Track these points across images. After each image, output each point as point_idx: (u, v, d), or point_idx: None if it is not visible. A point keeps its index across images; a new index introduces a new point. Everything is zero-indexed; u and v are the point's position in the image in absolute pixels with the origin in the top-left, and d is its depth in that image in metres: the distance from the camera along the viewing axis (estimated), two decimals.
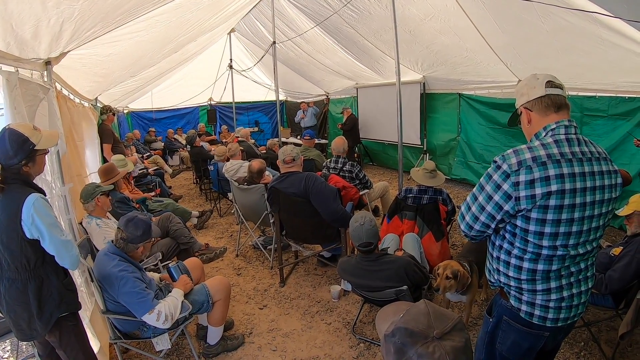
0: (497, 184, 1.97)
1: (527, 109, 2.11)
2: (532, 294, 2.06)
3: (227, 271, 5.73)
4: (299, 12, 9.46)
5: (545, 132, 2.03)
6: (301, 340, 4.17)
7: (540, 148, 1.94)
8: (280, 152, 4.97)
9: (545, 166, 1.89)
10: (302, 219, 4.94)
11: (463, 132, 9.71)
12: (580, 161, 1.93)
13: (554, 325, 2.08)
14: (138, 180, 8.55)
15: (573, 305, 2.07)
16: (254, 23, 11.45)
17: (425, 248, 4.71)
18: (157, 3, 4.82)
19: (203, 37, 9.84)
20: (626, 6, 4.50)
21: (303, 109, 14.27)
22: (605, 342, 3.95)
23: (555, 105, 2.03)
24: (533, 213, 1.93)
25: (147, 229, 3.46)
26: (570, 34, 5.61)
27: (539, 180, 1.88)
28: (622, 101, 6.52)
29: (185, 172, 12.75)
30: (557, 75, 2.03)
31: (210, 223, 7.76)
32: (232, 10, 8.85)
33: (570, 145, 1.96)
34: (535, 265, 2.02)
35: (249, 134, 10.99)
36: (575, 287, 2.07)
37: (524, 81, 2.14)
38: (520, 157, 1.92)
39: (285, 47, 11.27)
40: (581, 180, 1.91)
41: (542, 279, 2.03)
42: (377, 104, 11.81)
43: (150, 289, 3.36)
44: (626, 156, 6.55)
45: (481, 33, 6.90)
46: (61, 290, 2.78)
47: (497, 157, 2.01)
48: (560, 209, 1.90)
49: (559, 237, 1.95)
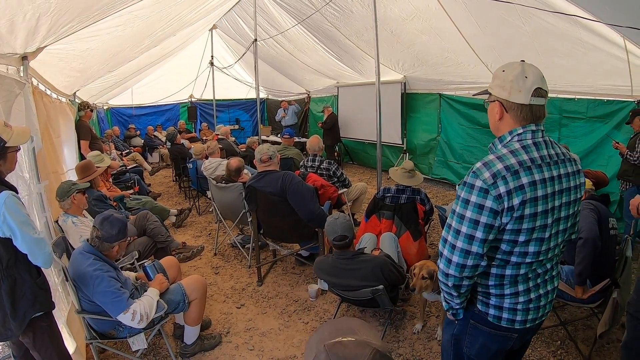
0: (479, 205, 1.83)
1: (503, 107, 1.96)
2: (499, 298, 2.02)
3: (205, 270, 5.71)
4: (281, 10, 9.47)
5: (511, 137, 1.95)
6: (278, 339, 4.17)
7: (510, 156, 1.85)
8: (256, 151, 4.96)
9: (518, 175, 1.81)
10: (280, 218, 4.94)
11: (443, 132, 9.81)
12: (548, 165, 1.89)
13: (523, 327, 2.04)
14: (116, 177, 8.46)
15: (541, 306, 2.05)
16: (236, 20, 11.43)
17: (403, 247, 4.74)
18: None
19: (183, 32, 9.77)
20: (608, 9, 4.56)
21: (284, 108, 14.30)
22: (581, 341, 4.01)
23: (535, 117, 1.92)
24: (509, 225, 1.85)
25: (123, 228, 3.43)
26: (551, 36, 5.69)
27: (514, 191, 1.80)
28: (600, 104, 6.65)
29: (165, 170, 12.65)
30: None
31: (189, 221, 7.72)
32: (212, 5, 8.80)
33: (539, 149, 1.90)
34: (503, 271, 1.98)
35: (229, 131, 10.95)
36: (542, 287, 2.05)
37: (510, 73, 1.92)
38: (493, 169, 1.82)
39: (266, 44, 11.27)
40: (551, 185, 1.88)
41: (510, 284, 1.99)
42: (358, 103, 11.86)
43: (126, 288, 3.33)
44: (603, 158, 6.68)
45: (462, 34, 6.97)
46: (34, 289, 2.75)
47: (467, 177, 1.89)
48: (535, 216, 1.85)
49: (531, 244, 1.91)
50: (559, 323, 4.00)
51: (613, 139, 6.27)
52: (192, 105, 16.39)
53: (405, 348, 3.98)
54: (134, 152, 12.32)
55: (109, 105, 15.13)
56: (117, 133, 13.49)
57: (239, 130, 16.31)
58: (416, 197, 5.00)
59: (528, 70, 1.90)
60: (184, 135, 12.97)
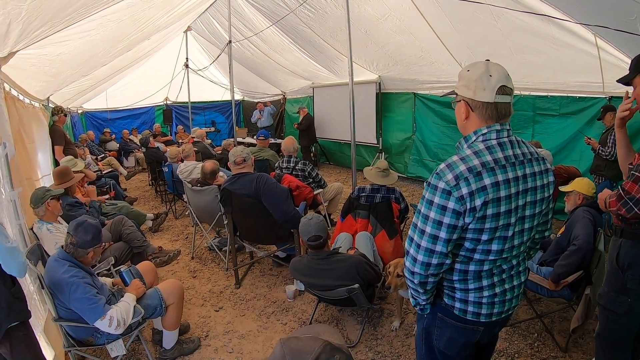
0: (442, 206, 1.85)
1: (469, 107, 1.97)
2: (464, 292, 2.05)
3: (182, 274, 5.69)
4: (256, 11, 9.48)
5: (476, 137, 1.96)
6: (257, 341, 4.19)
7: (474, 157, 1.87)
8: (230, 154, 4.98)
9: (480, 176, 1.83)
10: (255, 220, 4.96)
11: (418, 130, 9.93)
12: (513, 165, 1.90)
13: (488, 320, 2.07)
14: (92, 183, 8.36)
15: (506, 300, 2.08)
16: (211, 22, 11.41)
17: (379, 246, 4.78)
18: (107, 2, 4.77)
19: (157, 35, 9.71)
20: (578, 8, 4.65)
21: (259, 109, 14.29)
22: (558, 333, 4.11)
23: (500, 115, 1.93)
24: (471, 225, 1.88)
25: (97, 234, 3.42)
26: (523, 34, 5.80)
27: (476, 192, 1.82)
28: (573, 100, 6.82)
29: (141, 174, 12.50)
30: (511, 75, 1.92)
31: (166, 225, 7.68)
32: (186, 8, 8.78)
33: (503, 149, 1.91)
34: (467, 267, 2.01)
35: (204, 134, 10.93)
36: (507, 282, 2.07)
37: (474, 72, 1.92)
38: (456, 170, 1.84)
39: (241, 46, 11.27)
40: (515, 185, 1.89)
41: (474, 279, 2.02)
42: (333, 103, 11.93)
43: (102, 294, 3.32)
44: (576, 153, 6.86)
45: (436, 33, 7.06)
46: (9, 299, 2.71)
47: (430, 178, 1.91)
48: (497, 216, 1.87)
49: (494, 242, 1.93)
50: (536, 316, 4.10)
51: (585, 134, 6.42)
52: (168, 108, 16.25)
53: (384, 345, 4.03)
54: (110, 156, 12.16)
55: (83, 109, 14.92)
56: (92, 137, 13.34)
57: (215, 132, 16.22)
58: (391, 196, 5.04)
59: (492, 69, 1.91)
60: (160, 139, 12.87)
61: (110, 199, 7.52)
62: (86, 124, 15.13)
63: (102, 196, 7.39)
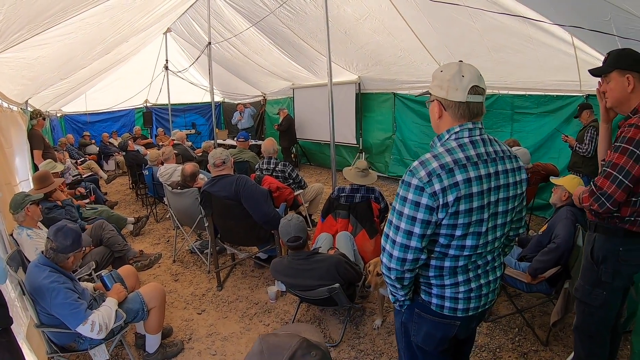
0: (415, 202, 1.90)
1: (442, 106, 2.02)
2: (440, 288, 2.08)
3: (164, 277, 5.67)
4: (235, 13, 9.46)
5: (449, 135, 2.01)
6: (240, 343, 4.20)
7: (446, 154, 1.91)
8: (210, 156, 4.98)
9: (452, 173, 1.87)
10: (235, 222, 4.97)
11: (398, 130, 10.00)
12: (485, 162, 1.95)
13: (465, 314, 2.11)
14: (72, 187, 8.30)
15: (482, 295, 2.12)
16: (190, 23, 11.35)
17: (360, 245, 4.80)
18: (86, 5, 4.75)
19: (136, 37, 9.67)
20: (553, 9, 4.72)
21: (240, 111, 14.27)
22: (539, 327, 4.18)
23: (472, 114, 1.98)
24: (445, 220, 1.91)
25: (77, 238, 3.41)
26: (500, 33, 5.86)
27: (448, 188, 1.86)
28: (550, 99, 6.93)
29: (121, 177, 12.41)
30: (489, 74, 1.96)
31: (147, 229, 7.63)
32: (165, 10, 8.74)
33: (475, 147, 1.96)
34: (442, 262, 2.04)
35: (184, 136, 10.87)
36: (483, 278, 2.12)
37: (447, 72, 1.98)
38: (428, 167, 1.88)
39: (221, 47, 11.21)
40: (487, 181, 1.94)
41: (449, 275, 2.06)
42: (313, 104, 11.96)
43: (84, 299, 3.32)
44: (555, 151, 6.96)
45: (415, 33, 7.11)
46: None
47: (405, 175, 1.96)
48: (470, 212, 1.91)
49: (468, 237, 1.97)
50: (516, 311, 4.18)
51: (562, 132, 6.53)
52: (148, 111, 16.13)
53: (367, 344, 4.07)
54: (89, 160, 12.02)
55: (62, 113, 14.76)
56: (72, 141, 13.22)
57: (195, 134, 16.16)
58: (370, 196, 5.06)
59: (465, 69, 1.96)
60: (140, 142, 12.78)
61: (90, 203, 7.46)
62: (65, 128, 14.97)
63: (81, 200, 7.31)
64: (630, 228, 2.56)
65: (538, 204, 7.06)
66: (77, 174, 9.39)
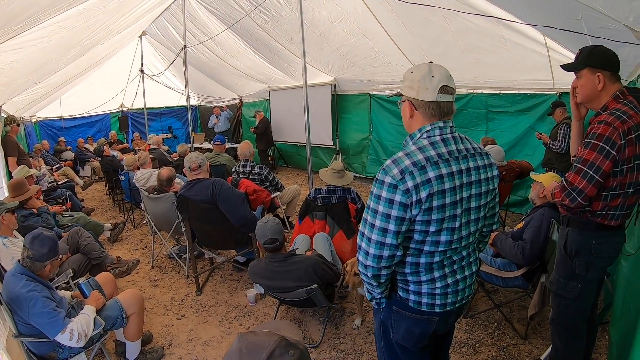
0: (389, 199, 1.92)
1: (413, 106, 2.07)
2: (417, 284, 2.10)
3: (143, 283, 5.62)
4: (211, 15, 9.43)
5: (420, 134, 2.05)
6: (221, 347, 4.19)
7: (418, 152, 1.95)
8: (185, 160, 4.96)
9: (425, 170, 1.90)
10: (212, 226, 4.96)
11: (374, 131, 10.07)
12: (456, 159, 1.98)
13: (443, 310, 2.14)
14: (47, 194, 8.20)
15: (459, 290, 2.15)
16: (166, 26, 11.29)
17: (337, 246, 4.83)
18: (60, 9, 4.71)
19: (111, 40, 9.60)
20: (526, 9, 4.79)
21: (216, 114, 14.23)
22: (517, 321, 4.25)
23: (442, 113, 2.02)
24: (419, 216, 1.94)
25: (54, 246, 3.39)
26: (474, 34, 5.94)
27: (421, 184, 1.88)
28: (524, 98, 7.05)
29: (98, 183, 12.26)
30: (464, 74, 2.00)
31: (125, 235, 7.56)
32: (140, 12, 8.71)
33: (447, 144, 2.00)
34: (418, 259, 2.06)
35: (161, 141, 10.80)
36: (459, 273, 2.15)
37: (417, 73, 2.02)
38: (401, 165, 1.91)
39: (197, 50, 11.16)
40: (459, 178, 1.97)
41: (426, 271, 2.08)
42: (289, 106, 11.97)
43: (62, 307, 3.29)
44: (529, 148, 7.08)
45: (389, 35, 7.16)
46: None
47: (378, 174, 1.99)
48: (443, 207, 1.94)
49: (442, 233, 1.99)
50: (494, 306, 4.24)
51: (536, 130, 6.63)
52: (123, 115, 15.93)
53: (347, 344, 4.09)
54: (65, 166, 11.85)
55: (37, 118, 14.49)
56: (47, 147, 13.00)
57: (172, 138, 16.06)
58: (347, 197, 5.09)
59: (434, 70, 2.00)
60: (116, 147, 12.65)
61: (67, 210, 7.36)
62: (40, 134, 14.71)
63: (57, 207, 7.22)
64: (602, 222, 2.61)
65: (514, 201, 7.16)
66: (52, 181, 9.23)
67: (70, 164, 12.50)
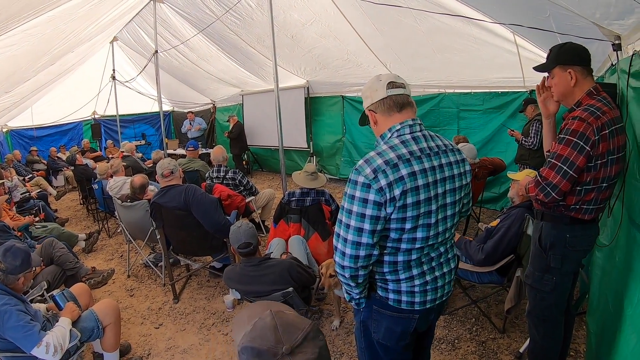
0: (363, 199, 1.95)
1: (372, 111, 2.17)
2: (396, 283, 2.14)
3: (119, 293, 5.58)
4: (182, 20, 9.40)
5: (391, 134, 2.10)
6: (200, 354, 4.18)
7: (390, 151, 1.98)
8: (157, 167, 4.94)
9: (397, 167, 1.93)
10: (187, 232, 4.95)
11: (348, 132, 10.15)
12: (428, 156, 2.03)
13: (423, 307, 2.17)
14: (20, 205, 8.08)
15: (438, 287, 2.19)
16: (137, 31, 11.16)
17: (313, 248, 4.85)
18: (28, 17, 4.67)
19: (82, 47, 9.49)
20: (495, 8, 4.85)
21: (190, 119, 14.13)
22: (495, 315, 4.33)
23: (398, 105, 2.10)
24: (393, 214, 1.96)
25: (27, 258, 3.36)
26: (445, 34, 6.02)
27: (394, 182, 1.91)
28: (495, 96, 7.20)
29: (71, 193, 12.06)
30: (435, 74, 2.08)
31: (100, 245, 7.47)
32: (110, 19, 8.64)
33: (417, 142, 2.04)
34: (395, 257, 2.09)
35: (134, 148, 10.72)
36: (437, 270, 2.18)
37: (368, 84, 2.19)
38: (373, 164, 1.94)
39: (169, 55, 11.11)
40: (432, 174, 2.01)
41: (404, 269, 2.11)
42: (263, 110, 12.00)
43: (37, 320, 3.24)
44: (502, 145, 7.22)
45: (361, 36, 7.22)
46: None
47: (351, 174, 2.02)
48: (418, 204, 1.97)
49: (418, 230, 2.03)
50: (471, 302, 4.30)
51: (509, 127, 6.74)
52: (96, 123, 15.70)
53: None
54: (38, 176, 11.65)
55: (8, 128, 14.21)
56: (18, 157, 12.76)
57: (145, 145, 15.91)
58: (321, 199, 5.11)
59: (382, 75, 2.18)
60: (89, 155, 12.51)
61: (40, 221, 7.25)
62: (12, 143, 14.42)
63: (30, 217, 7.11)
64: (576, 216, 2.67)
65: (488, 197, 7.28)
66: (25, 192, 9.09)
67: (43, 174, 12.29)
